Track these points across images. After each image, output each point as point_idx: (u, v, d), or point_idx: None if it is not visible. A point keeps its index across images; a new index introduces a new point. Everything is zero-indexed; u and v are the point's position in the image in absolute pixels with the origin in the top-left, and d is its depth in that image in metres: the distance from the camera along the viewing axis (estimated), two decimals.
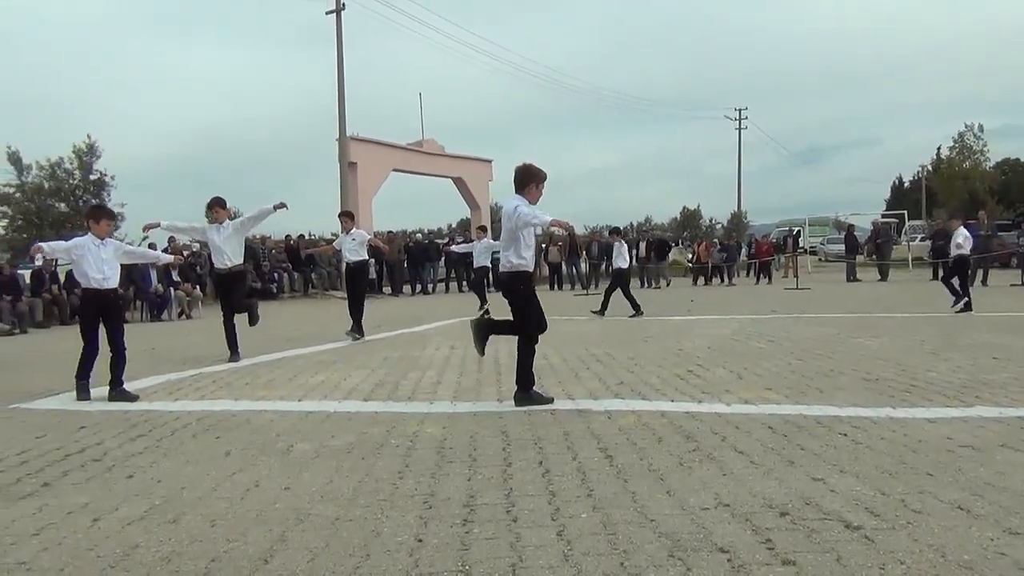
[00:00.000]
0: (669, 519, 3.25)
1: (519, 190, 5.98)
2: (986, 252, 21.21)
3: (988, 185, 51.44)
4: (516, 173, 6.02)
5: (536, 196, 5.99)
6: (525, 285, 5.99)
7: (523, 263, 5.95)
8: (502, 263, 6.08)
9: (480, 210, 33.67)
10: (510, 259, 5.95)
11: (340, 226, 11.37)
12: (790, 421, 5.04)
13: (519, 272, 5.96)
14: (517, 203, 5.88)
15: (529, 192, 5.95)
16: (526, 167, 6.02)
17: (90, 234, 6.86)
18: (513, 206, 5.89)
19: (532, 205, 5.92)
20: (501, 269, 6.11)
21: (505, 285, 6.06)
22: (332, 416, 5.64)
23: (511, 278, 5.98)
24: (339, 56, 25.97)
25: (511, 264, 5.96)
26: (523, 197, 5.93)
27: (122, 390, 6.62)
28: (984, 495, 3.44)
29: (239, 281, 9.29)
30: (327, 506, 3.57)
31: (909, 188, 65.85)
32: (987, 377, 6.47)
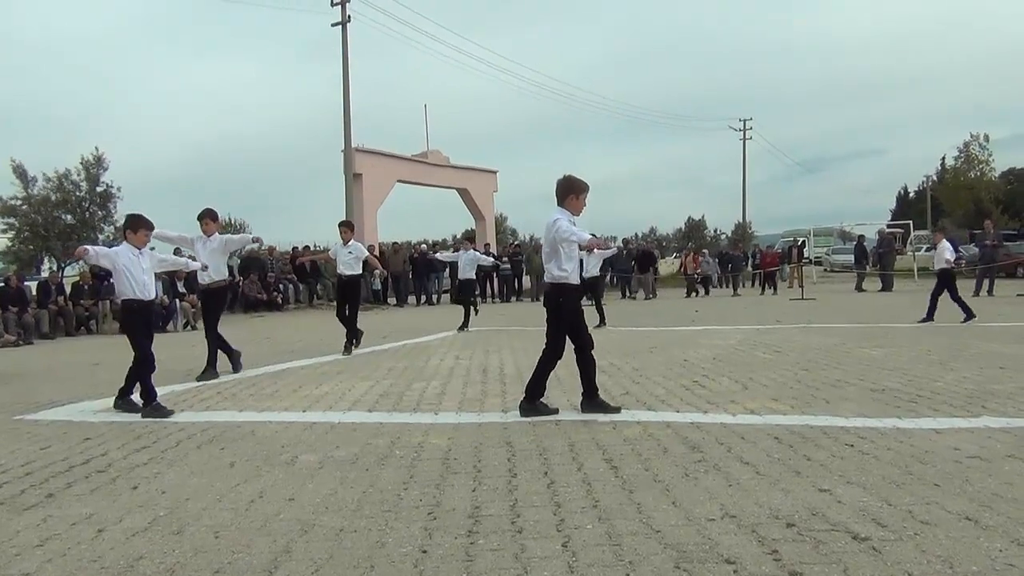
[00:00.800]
0: (675, 530, 3.23)
1: (561, 202, 5.97)
2: (992, 262, 21.16)
3: (994, 195, 51.30)
4: (557, 185, 6.01)
5: (579, 207, 5.99)
6: (566, 298, 5.95)
7: (564, 275, 5.91)
8: (545, 275, 6.07)
9: (485, 221, 33.73)
10: (552, 271, 5.93)
11: (339, 236, 11.21)
12: (796, 432, 5.02)
13: (561, 284, 5.93)
14: (558, 216, 5.86)
15: (570, 203, 5.95)
16: (566, 179, 6.02)
17: (127, 244, 6.73)
18: (553, 219, 5.86)
19: (575, 216, 5.93)
20: (545, 279, 6.10)
21: (547, 296, 6.07)
22: (336, 427, 5.63)
23: (553, 289, 5.97)
24: (345, 68, 26.08)
25: (553, 276, 5.94)
26: (565, 209, 5.93)
27: (130, 400, 6.60)
28: (992, 506, 3.42)
29: (221, 298, 9.08)
30: (332, 517, 3.56)
31: (914, 198, 65.71)
32: (994, 387, 6.44)
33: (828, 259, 41.54)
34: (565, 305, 5.93)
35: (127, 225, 6.93)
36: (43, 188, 20.61)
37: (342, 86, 26.04)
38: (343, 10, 26.24)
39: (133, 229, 6.80)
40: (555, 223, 5.82)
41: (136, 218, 6.94)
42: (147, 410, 6.36)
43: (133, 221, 6.93)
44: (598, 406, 5.85)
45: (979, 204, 49.05)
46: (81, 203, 21.03)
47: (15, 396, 7.68)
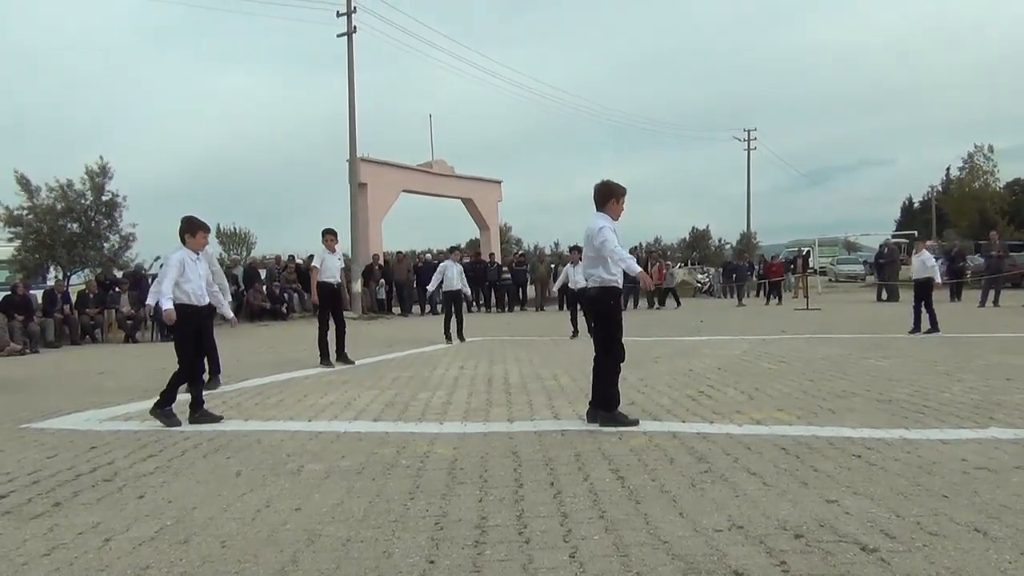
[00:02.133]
0: (682, 541, 3.22)
1: (600, 207, 5.96)
2: (998, 272, 21.11)
3: (999, 206, 51.26)
4: (596, 191, 6.00)
5: (618, 211, 5.99)
6: (615, 300, 5.93)
7: (613, 279, 5.88)
8: (591, 278, 5.99)
9: (489, 230, 33.75)
10: (600, 275, 5.87)
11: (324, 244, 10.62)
12: (802, 442, 5.01)
13: (609, 287, 5.90)
14: (603, 225, 5.82)
15: (610, 208, 5.95)
16: (605, 184, 6.01)
17: (185, 248, 6.56)
18: (598, 227, 5.81)
19: (615, 222, 5.91)
20: (589, 283, 6.03)
21: (592, 300, 5.99)
22: (342, 436, 5.63)
23: (601, 292, 5.91)
24: (350, 78, 26.15)
25: (601, 279, 5.87)
26: (605, 213, 5.92)
27: (205, 411, 6.44)
28: (1001, 517, 3.40)
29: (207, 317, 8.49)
30: (338, 527, 3.55)
31: (919, 209, 65.65)
32: (1001, 398, 6.42)
33: (833, 269, 41.47)
34: (616, 308, 5.91)
35: (184, 228, 6.63)
36: (47, 198, 20.66)
37: (347, 96, 26.10)
38: (349, 21, 26.33)
39: (191, 232, 6.59)
40: (601, 233, 5.76)
41: (193, 221, 6.67)
42: (157, 411, 6.29)
43: (191, 224, 6.65)
44: (615, 419, 5.75)
45: (984, 215, 49.05)
46: (86, 212, 21.08)
47: (21, 405, 7.69)
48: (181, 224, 6.65)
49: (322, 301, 10.56)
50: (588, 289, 6.04)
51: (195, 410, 6.37)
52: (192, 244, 6.59)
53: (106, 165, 21.35)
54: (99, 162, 21.33)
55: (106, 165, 21.35)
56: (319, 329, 10.50)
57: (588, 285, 6.05)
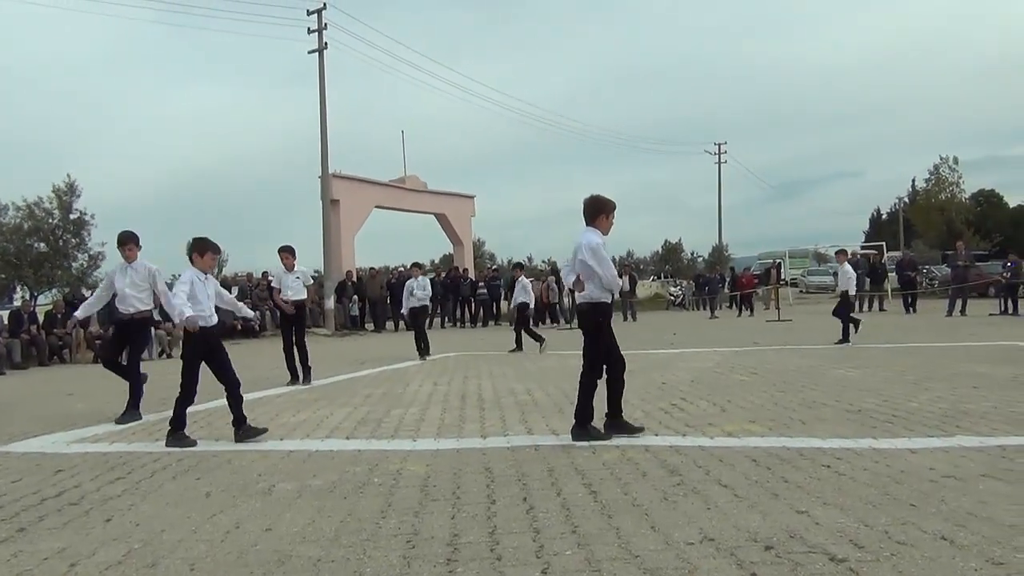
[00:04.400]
0: (654, 555, 3.23)
1: (590, 222, 5.97)
2: (964, 282, 21.44)
3: (965, 216, 52.11)
4: (586, 205, 6.02)
5: (607, 226, 6.01)
6: (604, 317, 5.93)
7: (604, 295, 5.90)
8: (581, 295, 5.99)
9: (463, 246, 33.77)
10: (592, 291, 5.87)
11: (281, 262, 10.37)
12: (773, 453, 5.05)
13: (599, 303, 5.91)
14: (599, 241, 5.86)
15: (600, 223, 5.97)
16: (595, 198, 6.03)
17: (193, 269, 6.46)
18: (589, 244, 5.83)
19: (605, 236, 5.95)
20: (579, 300, 6.05)
21: (584, 315, 5.99)
22: (314, 455, 5.59)
23: (591, 308, 5.92)
24: (321, 94, 26.13)
25: (594, 295, 5.88)
26: (596, 228, 5.94)
27: (248, 427, 6.34)
28: (967, 525, 3.45)
29: (144, 328, 8.23)
30: (309, 547, 3.52)
31: (887, 220, 66.59)
32: (967, 407, 6.51)
33: (804, 280, 41.88)
34: (605, 324, 5.91)
35: (194, 248, 6.51)
36: (14, 217, 20.43)
37: (319, 112, 26.08)
38: (320, 37, 26.33)
39: (200, 252, 6.49)
40: (594, 250, 5.79)
41: (203, 241, 6.56)
42: (172, 439, 6.17)
43: (200, 244, 6.54)
44: (621, 428, 5.81)
45: (950, 225, 49.82)
46: (54, 231, 20.84)
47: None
48: (191, 244, 6.55)
49: (282, 319, 10.58)
50: (579, 305, 6.05)
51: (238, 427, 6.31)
52: (200, 264, 6.49)
53: (74, 183, 21.19)
54: (67, 180, 21.14)
55: (74, 183, 21.19)
56: (283, 348, 10.44)
57: (579, 300, 6.06)
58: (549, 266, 28.78)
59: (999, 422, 5.82)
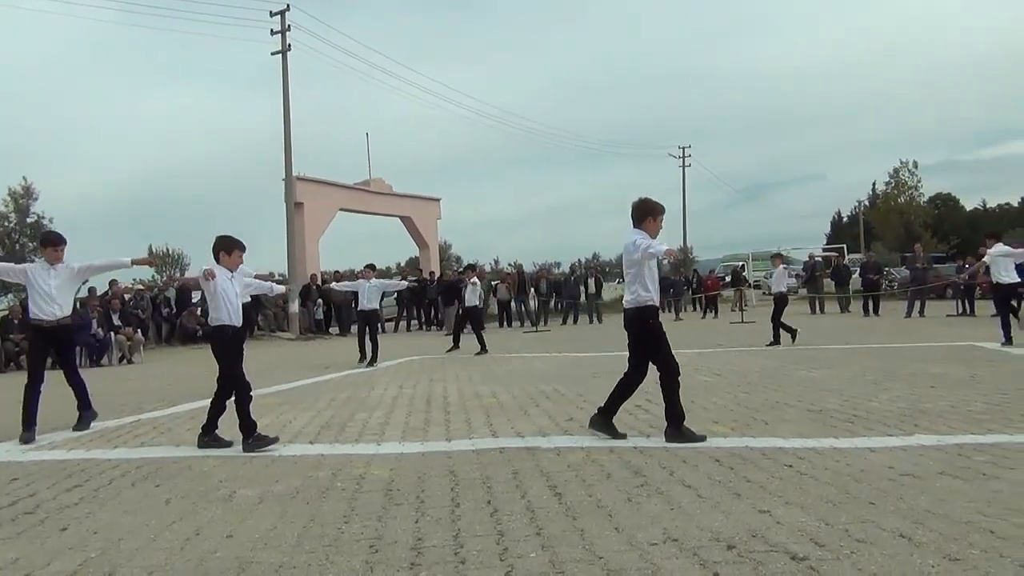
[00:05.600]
0: (617, 555, 3.24)
1: (638, 224, 5.92)
2: (922, 284, 21.82)
3: (923, 219, 53.08)
4: (633, 208, 5.97)
5: (655, 229, 5.93)
6: (654, 319, 5.87)
7: (649, 296, 5.84)
8: (626, 298, 5.96)
9: (429, 248, 33.68)
10: (638, 292, 5.83)
11: None
12: (736, 454, 5.09)
13: (647, 306, 5.85)
14: (637, 237, 5.81)
15: (647, 225, 5.90)
16: (644, 201, 5.99)
17: (220, 267, 6.23)
18: (633, 240, 5.81)
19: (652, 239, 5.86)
20: (626, 305, 5.99)
21: (632, 321, 5.93)
22: (277, 460, 5.53)
23: (639, 312, 5.86)
24: (285, 97, 25.89)
25: (639, 298, 5.84)
26: (642, 231, 5.88)
27: (259, 435, 6.03)
28: (925, 523, 3.50)
29: (69, 336, 7.60)
30: (271, 553, 3.48)
31: (848, 223, 67.59)
32: (926, 406, 6.62)
33: (767, 283, 42.33)
34: (655, 326, 5.86)
35: (220, 247, 6.30)
36: None
37: (283, 115, 25.84)
38: (283, 39, 26.10)
39: (227, 251, 6.28)
40: (635, 243, 5.75)
41: (230, 240, 6.35)
42: (251, 442, 5.95)
43: (228, 242, 6.33)
44: (683, 435, 5.61)
45: (909, 228, 50.72)
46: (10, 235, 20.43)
47: None
48: (217, 242, 6.35)
49: None
50: (627, 310, 5.99)
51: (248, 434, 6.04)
52: (227, 263, 6.29)
53: (30, 186, 20.80)
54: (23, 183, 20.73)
55: (30, 186, 20.80)
56: None
57: (625, 305, 6.02)
58: (515, 268, 28.74)
59: (956, 421, 5.92)
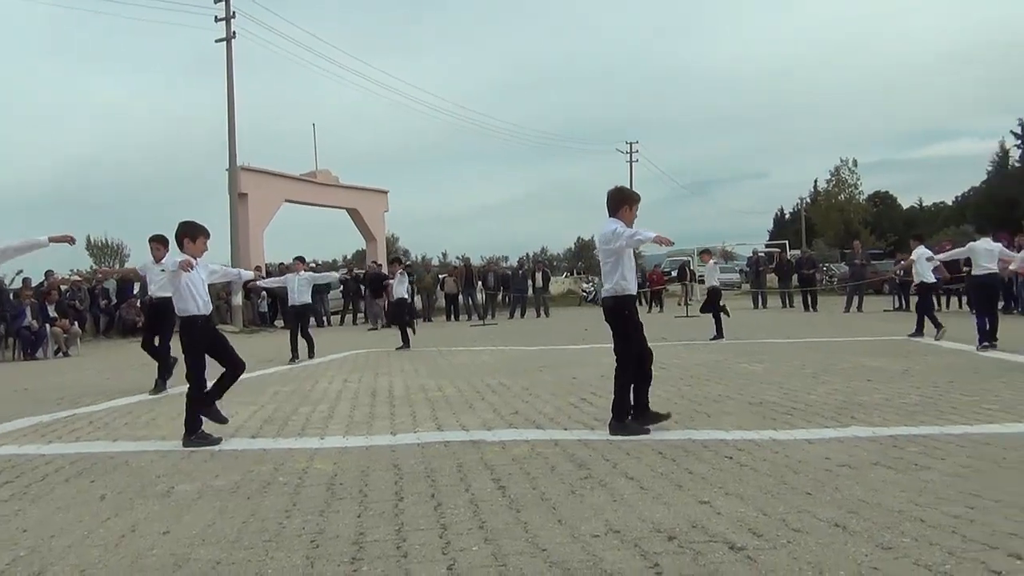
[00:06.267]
0: (560, 548, 3.25)
1: (613, 213, 5.87)
2: (861, 280, 22.34)
3: (862, 216, 54.33)
4: (609, 197, 5.93)
5: (631, 218, 5.89)
6: (631, 309, 5.83)
7: (628, 286, 5.80)
8: (605, 288, 5.92)
9: (376, 241, 33.40)
10: (618, 282, 5.78)
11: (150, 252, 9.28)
12: (679, 446, 5.15)
13: (625, 296, 5.81)
14: (616, 226, 5.76)
15: (623, 214, 5.86)
16: (619, 190, 5.97)
17: (183, 255, 6.06)
18: (611, 229, 5.75)
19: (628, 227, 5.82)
20: (604, 294, 5.95)
21: (610, 310, 5.86)
22: (217, 455, 5.43)
23: (617, 302, 5.81)
24: (229, 85, 25.43)
25: (618, 288, 5.78)
26: (618, 219, 5.83)
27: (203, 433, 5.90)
28: (859, 512, 3.58)
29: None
30: (209, 549, 3.42)
31: (790, 219, 68.87)
32: (862, 399, 6.78)
33: None
34: (632, 316, 5.82)
35: (185, 233, 6.13)
36: None
37: (227, 103, 25.38)
38: (228, 26, 25.62)
39: (191, 237, 6.10)
40: (615, 232, 5.71)
41: (194, 225, 6.19)
42: (193, 439, 5.78)
43: (192, 229, 6.17)
44: (650, 418, 5.73)
45: (848, 225, 51.90)
46: None
47: None
48: (180, 228, 6.17)
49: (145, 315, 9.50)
50: (604, 299, 5.96)
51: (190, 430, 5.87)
52: (192, 250, 6.11)
53: None
54: None
55: None
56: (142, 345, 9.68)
57: (603, 294, 5.98)
58: (463, 262, 28.69)
59: (891, 413, 6.08)
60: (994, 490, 3.85)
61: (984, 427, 5.44)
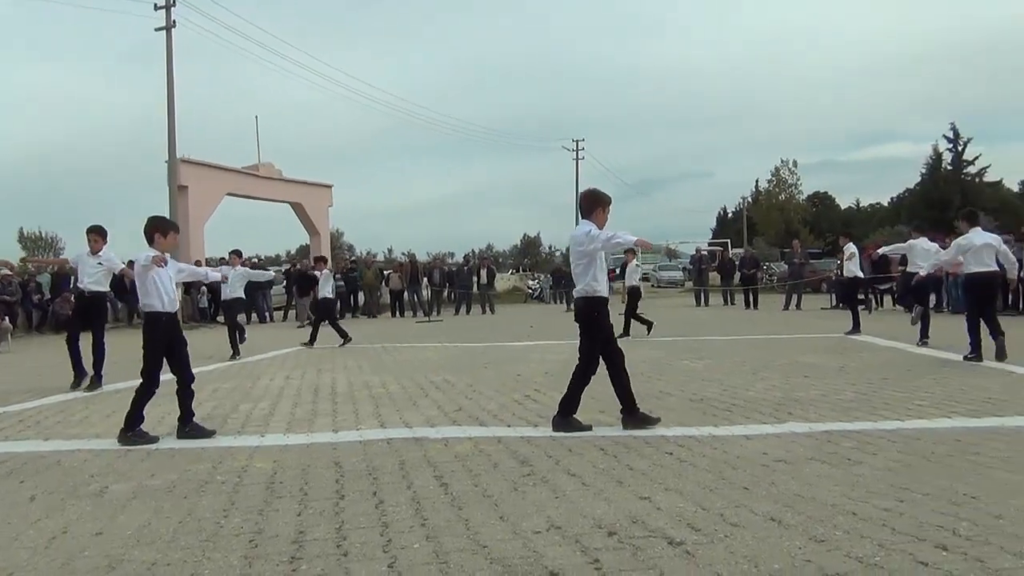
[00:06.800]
0: (501, 544, 3.26)
1: (587, 215, 5.89)
2: (800, 278, 22.83)
3: (801, 216, 55.54)
4: (582, 198, 5.97)
5: (603, 220, 5.89)
6: (600, 311, 5.80)
7: (597, 286, 5.77)
8: (576, 289, 5.88)
9: (320, 236, 33.04)
10: (589, 284, 5.75)
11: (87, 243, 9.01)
12: (620, 442, 5.21)
13: (597, 297, 5.78)
14: (590, 228, 5.75)
15: (597, 216, 5.86)
16: (592, 192, 5.98)
17: (153, 250, 5.89)
18: (585, 231, 5.74)
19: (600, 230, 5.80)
20: (576, 294, 5.92)
21: (581, 311, 5.83)
22: (153, 453, 5.32)
23: (588, 303, 5.78)
24: (169, 75, 24.89)
25: (589, 289, 5.76)
26: (591, 222, 5.83)
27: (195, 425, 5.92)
28: (794, 506, 3.67)
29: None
30: (144, 550, 3.35)
31: (732, 218, 70.07)
32: (798, 395, 6.93)
33: (655, 275, 43.47)
34: (601, 318, 5.80)
35: (156, 228, 5.98)
36: None
37: (166, 94, 24.84)
38: (168, 14, 25.07)
39: (162, 232, 5.95)
40: (589, 234, 5.70)
41: (164, 220, 6.08)
42: (130, 436, 5.67)
43: (162, 223, 6.05)
44: (639, 420, 5.71)
45: (788, 224, 53.02)
46: None
47: None
48: (151, 223, 6.02)
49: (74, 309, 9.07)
50: (575, 300, 5.95)
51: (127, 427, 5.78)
52: (163, 245, 5.95)
53: None
54: None
55: None
56: (66, 340, 9.38)
57: (575, 294, 5.96)
58: (409, 258, 28.51)
59: (826, 409, 6.23)
60: (923, 484, 3.98)
61: (915, 422, 5.61)
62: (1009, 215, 43.13)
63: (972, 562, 2.90)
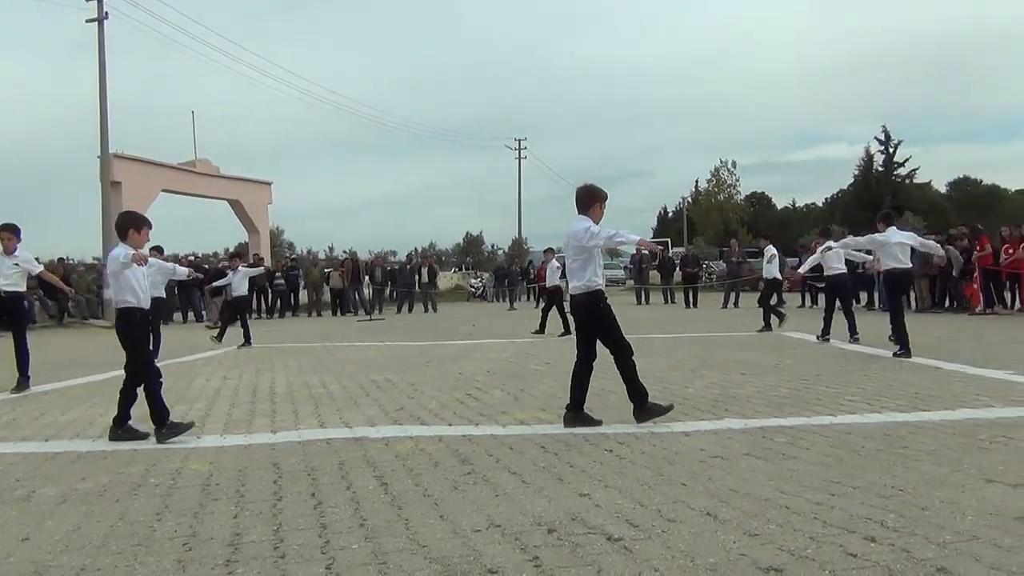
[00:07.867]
0: (441, 543, 3.25)
1: (584, 211, 5.84)
2: (737, 277, 23.26)
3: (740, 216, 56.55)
4: (579, 194, 5.91)
5: (600, 215, 5.87)
6: (603, 303, 5.79)
7: (598, 281, 5.78)
8: (575, 285, 5.85)
9: (259, 233, 32.48)
10: (590, 279, 5.74)
11: None
12: (561, 440, 5.24)
13: (597, 290, 5.78)
14: (588, 224, 5.72)
15: (593, 212, 5.83)
16: (588, 187, 5.93)
17: (125, 245, 5.78)
18: (584, 227, 5.71)
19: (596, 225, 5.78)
20: (574, 292, 5.88)
21: (582, 306, 5.82)
22: (84, 456, 5.18)
23: (590, 298, 5.77)
24: (101, 69, 24.20)
25: (590, 284, 5.75)
26: (588, 217, 5.79)
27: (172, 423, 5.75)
28: (730, 501, 3.73)
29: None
30: (72, 556, 3.25)
31: (672, 218, 70.98)
32: (735, 392, 7.06)
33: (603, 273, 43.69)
34: (605, 309, 5.80)
35: (130, 224, 5.91)
36: None
37: (99, 87, 24.16)
38: (100, 5, 24.36)
39: (136, 228, 5.86)
40: (588, 230, 5.68)
41: (137, 216, 6.03)
42: (165, 432, 5.57)
43: (136, 219, 5.98)
44: (648, 411, 5.74)
45: (727, 224, 53.93)
46: None
47: None
48: (124, 219, 5.96)
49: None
50: (575, 296, 5.92)
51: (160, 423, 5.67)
52: (137, 241, 5.88)
53: None
54: None
55: None
56: None
57: (572, 292, 5.94)
58: (350, 256, 28.25)
59: (762, 405, 6.35)
60: (853, 477, 4.09)
61: (846, 417, 5.76)
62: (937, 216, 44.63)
63: (899, 552, 2.99)
